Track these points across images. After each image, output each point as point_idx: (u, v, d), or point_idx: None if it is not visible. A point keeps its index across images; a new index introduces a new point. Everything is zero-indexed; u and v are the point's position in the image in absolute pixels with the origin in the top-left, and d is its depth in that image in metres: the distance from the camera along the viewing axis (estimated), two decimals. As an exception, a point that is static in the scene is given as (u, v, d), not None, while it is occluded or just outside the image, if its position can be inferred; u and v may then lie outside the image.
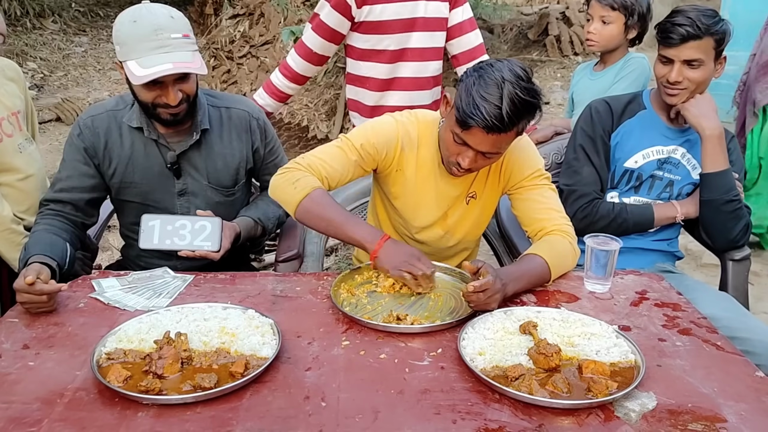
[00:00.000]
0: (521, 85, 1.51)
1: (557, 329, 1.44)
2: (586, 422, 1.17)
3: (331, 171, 1.71)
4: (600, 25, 2.36)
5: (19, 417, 1.16)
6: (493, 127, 1.51)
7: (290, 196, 1.66)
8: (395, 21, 2.29)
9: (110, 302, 1.58)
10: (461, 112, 1.53)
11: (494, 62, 1.56)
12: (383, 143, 1.75)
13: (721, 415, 1.20)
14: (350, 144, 1.74)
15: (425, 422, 1.17)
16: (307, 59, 2.44)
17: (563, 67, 5.97)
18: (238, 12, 7.52)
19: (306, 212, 1.65)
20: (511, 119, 1.51)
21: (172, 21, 1.68)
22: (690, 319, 1.55)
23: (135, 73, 1.64)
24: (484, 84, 1.51)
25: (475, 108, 1.50)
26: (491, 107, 1.49)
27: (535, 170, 1.78)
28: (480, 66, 1.57)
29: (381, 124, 1.79)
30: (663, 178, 2.03)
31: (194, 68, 1.68)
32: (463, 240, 1.91)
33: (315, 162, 1.71)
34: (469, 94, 1.52)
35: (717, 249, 2.06)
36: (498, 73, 1.52)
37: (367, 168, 1.77)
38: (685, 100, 1.91)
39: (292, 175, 1.68)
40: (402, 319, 1.48)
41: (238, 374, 1.26)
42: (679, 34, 1.83)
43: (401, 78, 2.38)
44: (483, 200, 1.85)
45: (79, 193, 1.84)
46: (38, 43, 8.33)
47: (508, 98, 1.49)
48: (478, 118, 1.50)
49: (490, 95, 1.50)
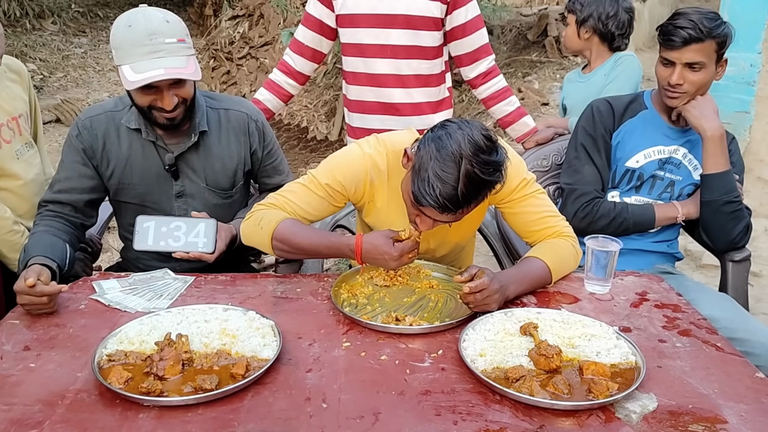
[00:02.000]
0: (480, 159, 1.41)
1: (558, 330, 1.44)
2: (587, 423, 1.18)
3: (298, 209, 1.67)
4: (565, 27, 2.59)
5: (21, 419, 1.16)
6: (446, 208, 1.43)
7: (260, 238, 1.65)
8: (370, 15, 2.27)
9: (111, 304, 1.58)
10: (416, 189, 1.44)
11: (454, 131, 1.44)
12: (350, 180, 1.68)
13: (722, 416, 1.20)
14: (316, 182, 1.68)
15: (426, 423, 1.17)
16: (300, 53, 2.45)
17: (562, 68, 5.97)
18: (238, 13, 7.52)
19: (280, 250, 1.64)
20: (467, 200, 1.43)
21: (167, 25, 1.66)
22: (690, 321, 1.55)
23: (128, 77, 1.63)
24: (441, 159, 1.41)
25: (429, 188, 1.41)
26: (447, 188, 1.40)
27: (520, 180, 1.68)
28: (437, 135, 1.45)
29: (347, 158, 1.70)
30: (664, 179, 2.04)
31: (187, 74, 1.66)
32: (450, 253, 1.87)
33: (280, 201, 1.68)
34: (425, 169, 1.42)
35: (717, 250, 2.06)
36: (456, 146, 1.41)
37: (338, 204, 1.71)
38: (685, 103, 1.92)
39: (255, 216, 1.67)
40: (401, 320, 1.49)
41: (239, 376, 1.26)
42: (681, 37, 1.82)
43: (379, 74, 2.34)
44: (467, 219, 1.69)
45: (78, 194, 1.84)
46: (38, 44, 8.33)
47: (464, 178, 1.40)
48: (432, 199, 1.42)
49: (445, 174, 1.40)
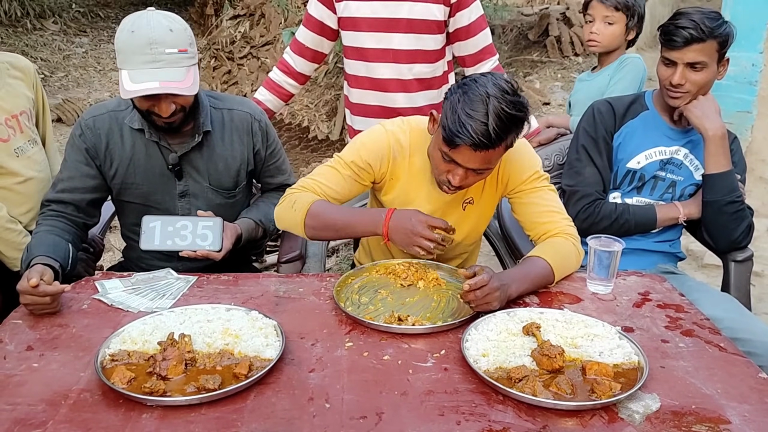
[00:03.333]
0: (507, 99, 1.49)
1: (560, 330, 1.44)
2: (590, 424, 1.18)
3: (328, 190, 1.73)
4: (603, 26, 2.37)
5: (24, 419, 1.16)
6: (480, 144, 1.50)
7: (293, 220, 1.70)
8: (373, 19, 2.26)
9: (114, 303, 1.58)
10: (447, 131, 1.52)
11: (478, 77, 1.54)
12: (374, 157, 1.75)
13: (725, 416, 1.20)
14: (342, 162, 1.75)
15: (429, 423, 1.17)
16: (300, 54, 2.44)
17: (563, 68, 5.97)
18: (239, 13, 7.51)
19: (312, 229, 1.68)
20: (498, 135, 1.49)
21: (170, 35, 1.65)
22: (693, 321, 1.55)
23: (125, 86, 1.64)
24: (469, 101, 1.50)
25: (461, 126, 1.49)
26: (477, 124, 1.48)
27: (533, 172, 1.76)
28: (464, 82, 1.56)
29: (371, 136, 1.78)
30: (665, 179, 2.03)
31: (182, 88, 1.65)
32: (462, 243, 1.90)
33: (310, 183, 1.75)
34: (455, 111, 1.51)
35: (719, 250, 2.06)
36: (482, 89, 1.50)
37: (364, 182, 1.78)
38: (687, 102, 1.91)
39: (289, 200, 1.73)
40: (403, 320, 1.49)
41: (242, 376, 1.26)
42: (682, 37, 1.82)
43: (381, 79, 2.34)
44: (481, 205, 1.84)
45: (81, 194, 1.84)
46: (39, 44, 8.33)
47: (494, 114, 1.47)
48: (465, 136, 1.49)
49: (475, 112, 1.48)
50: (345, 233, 1.68)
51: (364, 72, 2.36)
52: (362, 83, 2.38)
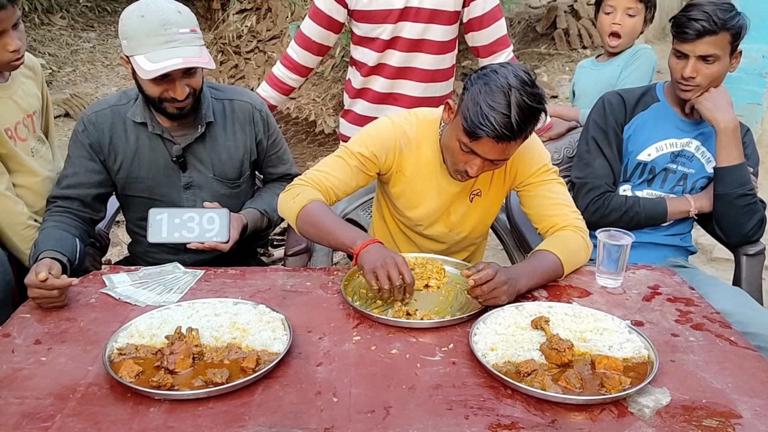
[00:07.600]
0: (527, 90, 1.49)
1: (569, 324, 1.43)
2: (599, 418, 1.17)
3: (335, 181, 1.73)
4: (626, 18, 2.30)
5: (33, 412, 1.16)
6: (502, 137, 1.50)
7: (290, 210, 1.70)
8: (385, 11, 2.26)
9: (121, 297, 1.58)
10: (469, 123, 1.51)
11: (498, 68, 1.54)
12: (381, 148, 1.75)
13: (736, 411, 1.19)
14: (349, 152, 1.76)
15: (437, 418, 1.16)
16: (306, 48, 2.43)
17: (571, 61, 5.93)
18: (246, 7, 7.52)
19: (303, 224, 1.68)
20: (520, 127, 1.49)
21: (180, 16, 1.67)
22: (703, 314, 1.53)
23: (144, 67, 1.63)
24: (491, 92, 1.50)
25: (483, 118, 1.48)
26: (500, 116, 1.48)
27: (541, 165, 1.76)
28: (484, 72, 1.55)
29: (378, 128, 1.79)
30: (676, 172, 2.02)
31: (203, 63, 1.68)
32: (469, 236, 1.90)
33: (317, 176, 1.74)
34: (476, 103, 1.50)
35: (731, 244, 2.04)
36: (503, 80, 1.50)
37: (371, 173, 1.78)
38: (699, 95, 1.89)
39: (294, 190, 1.73)
40: (411, 314, 1.48)
41: (250, 369, 1.26)
42: (694, 29, 1.80)
43: (388, 65, 2.34)
44: (488, 198, 1.84)
45: (86, 189, 1.84)
46: (46, 38, 8.37)
47: (516, 106, 1.47)
48: (488, 128, 1.49)
49: (497, 104, 1.48)
50: (326, 239, 1.65)
51: (371, 61, 2.36)
52: (368, 71, 2.38)
